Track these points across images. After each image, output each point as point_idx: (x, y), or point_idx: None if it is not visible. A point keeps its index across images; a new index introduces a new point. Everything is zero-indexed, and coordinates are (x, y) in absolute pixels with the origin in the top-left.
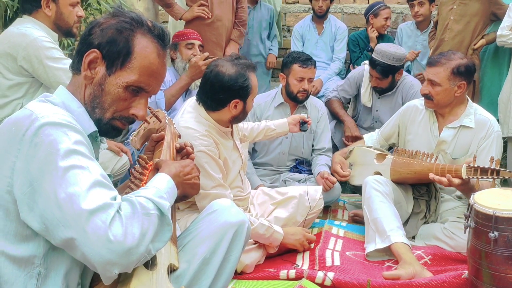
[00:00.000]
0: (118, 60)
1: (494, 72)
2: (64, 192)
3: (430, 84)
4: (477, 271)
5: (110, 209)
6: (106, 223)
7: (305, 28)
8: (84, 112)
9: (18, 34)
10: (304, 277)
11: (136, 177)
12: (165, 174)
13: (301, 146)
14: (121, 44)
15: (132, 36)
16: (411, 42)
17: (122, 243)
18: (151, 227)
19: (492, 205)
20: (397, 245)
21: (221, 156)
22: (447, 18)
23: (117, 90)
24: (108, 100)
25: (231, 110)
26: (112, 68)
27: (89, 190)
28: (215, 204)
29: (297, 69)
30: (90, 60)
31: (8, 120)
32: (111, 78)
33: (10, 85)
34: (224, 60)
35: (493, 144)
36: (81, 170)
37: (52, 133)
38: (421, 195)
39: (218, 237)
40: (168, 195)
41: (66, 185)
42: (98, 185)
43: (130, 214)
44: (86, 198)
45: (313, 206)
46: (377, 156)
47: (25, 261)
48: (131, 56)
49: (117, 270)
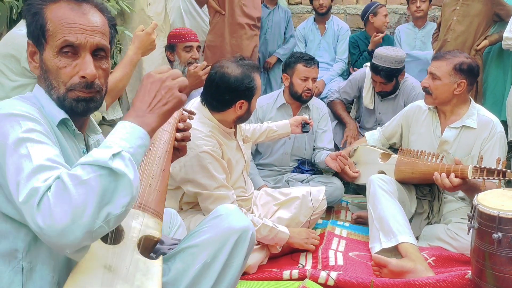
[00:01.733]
0: (41, 37)
1: (499, 73)
2: (13, 183)
3: (431, 77)
4: (481, 271)
5: (36, 195)
6: (33, 210)
7: (308, 29)
8: (49, 101)
9: (21, 35)
10: (307, 277)
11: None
12: (124, 121)
13: (303, 147)
14: (37, 22)
15: (43, 9)
16: (410, 39)
17: (52, 226)
18: (90, 195)
19: (495, 206)
20: (404, 245)
21: (225, 156)
22: (450, 19)
23: (53, 61)
24: (53, 75)
25: (236, 111)
26: (41, 47)
27: (27, 180)
28: (221, 208)
29: (301, 69)
30: (30, 52)
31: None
32: (44, 55)
33: (14, 86)
34: (229, 61)
35: (496, 145)
36: (25, 159)
37: (4, 124)
38: (424, 196)
39: (220, 242)
40: (126, 141)
41: (15, 175)
42: (36, 172)
43: (57, 192)
44: (22, 189)
45: (316, 207)
46: (382, 155)
47: (8, 255)
48: (46, 26)
49: (69, 250)
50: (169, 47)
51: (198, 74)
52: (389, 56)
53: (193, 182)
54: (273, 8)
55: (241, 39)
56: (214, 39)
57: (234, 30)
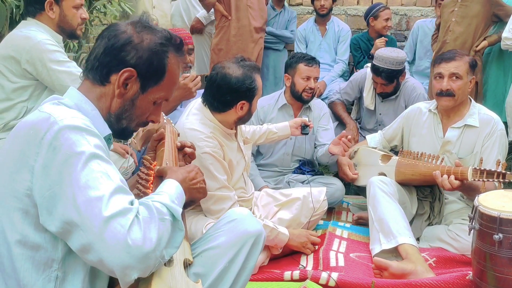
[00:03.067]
0: (153, 80)
1: (499, 74)
2: (84, 196)
3: (451, 79)
4: (482, 273)
5: (129, 214)
6: (125, 227)
7: (308, 30)
8: (98, 115)
9: (22, 37)
10: (308, 278)
11: (142, 177)
12: (173, 180)
13: (304, 147)
14: (157, 65)
15: (167, 58)
16: (427, 40)
17: (140, 248)
18: (165, 232)
19: (496, 207)
20: (404, 246)
21: (226, 157)
22: (449, 20)
23: (148, 105)
24: (138, 113)
25: (237, 112)
26: (146, 87)
27: (111, 196)
28: (233, 213)
29: (303, 68)
30: (125, 78)
31: (25, 123)
32: (144, 95)
33: (15, 88)
34: (230, 62)
35: (496, 142)
36: (101, 174)
37: (71, 137)
38: (425, 197)
39: (238, 247)
40: (178, 200)
41: (86, 190)
42: (118, 191)
43: (147, 219)
44: (108, 204)
45: (317, 208)
46: (382, 157)
47: (43, 264)
48: (164, 76)
49: (136, 275)
50: None
51: (188, 86)
52: (390, 58)
53: None
54: (280, 10)
55: (247, 42)
56: (220, 43)
57: (240, 33)
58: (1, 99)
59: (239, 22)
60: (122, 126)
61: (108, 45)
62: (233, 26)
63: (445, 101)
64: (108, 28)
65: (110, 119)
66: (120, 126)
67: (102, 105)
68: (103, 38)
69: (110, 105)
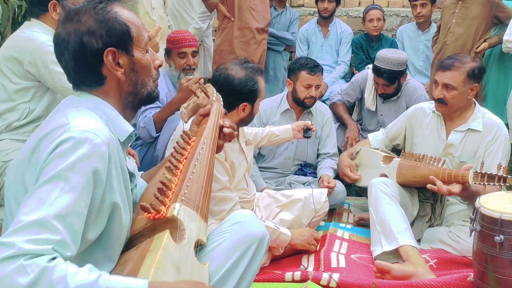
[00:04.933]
0: (127, 39)
1: (500, 75)
2: (22, 212)
3: (445, 88)
4: (483, 274)
5: (15, 259)
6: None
7: (310, 31)
8: (117, 115)
9: (24, 38)
10: (309, 279)
11: (177, 151)
12: (144, 283)
13: (306, 151)
14: (116, 26)
15: (114, 12)
16: (413, 42)
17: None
18: None
19: (498, 208)
20: (405, 248)
21: (228, 159)
22: (449, 21)
23: (144, 59)
24: (144, 73)
25: (239, 113)
26: (129, 48)
27: (29, 230)
28: (238, 215)
29: (305, 76)
30: (113, 58)
31: (45, 125)
32: (134, 56)
33: (17, 89)
34: (233, 63)
35: (500, 147)
36: (47, 200)
37: (74, 149)
38: (427, 198)
39: (242, 249)
40: None
41: (29, 206)
42: (39, 227)
43: (37, 275)
44: (17, 232)
45: (318, 209)
46: (384, 158)
47: None
48: (129, 27)
49: None
50: (166, 52)
51: (191, 88)
52: (391, 58)
53: None
54: (281, 10)
55: (250, 44)
56: (222, 44)
57: (243, 34)
58: (3, 100)
59: (242, 23)
60: (144, 95)
61: (73, 53)
62: (235, 27)
63: (438, 107)
64: (56, 43)
65: (129, 99)
66: (142, 96)
67: (112, 99)
68: (61, 54)
69: (120, 92)
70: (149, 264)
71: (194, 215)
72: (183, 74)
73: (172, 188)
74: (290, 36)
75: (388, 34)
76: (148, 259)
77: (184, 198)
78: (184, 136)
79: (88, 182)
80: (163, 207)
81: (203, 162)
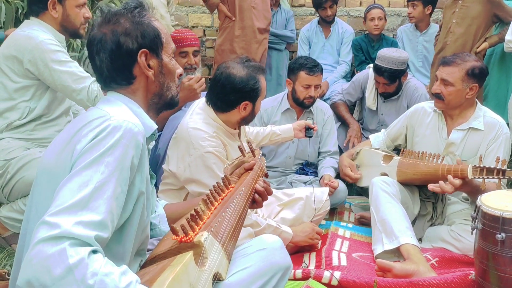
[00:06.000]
0: (158, 43)
1: (501, 75)
2: (65, 196)
3: (443, 83)
4: (484, 272)
5: (59, 242)
6: (42, 239)
7: (312, 31)
8: (143, 112)
9: (24, 37)
10: (310, 277)
11: (216, 190)
12: None
13: (307, 150)
14: (150, 30)
15: (148, 18)
16: (412, 43)
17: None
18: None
19: (499, 206)
20: (406, 246)
21: (229, 157)
22: (450, 21)
23: (171, 65)
24: (170, 77)
25: (240, 112)
26: (159, 53)
27: (73, 215)
28: (264, 241)
29: (304, 76)
30: (145, 59)
31: (80, 117)
32: (163, 60)
33: (17, 88)
34: (234, 62)
35: (501, 145)
36: (96, 191)
37: (118, 147)
38: (428, 197)
39: (267, 277)
40: None
41: (71, 192)
42: (90, 224)
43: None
44: (58, 215)
45: (319, 208)
46: (384, 157)
47: None
48: (159, 33)
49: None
50: None
51: (193, 87)
52: (392, 58)
53: (198, 182)
54: (276, 10)
55: (251, 43)
56: (223, 43)
57: (244, 34)
58: (3, 98)
59: (243, 22)
60: (167, 98)
61: (109, 52)
62: (237, 26)
63: (436, 102)
64: (91, 43)
65: (154, 101)
66: (166, 99)
67: (139, 99)
68: (96, 53)
69: (147, 92)
70: (167, 275)
71: (219, 248)
72: (185, 74)
73: (204, 219)
74: (290, 33)
75: (389, 34)
76: (167, 271)
77: (213, 229)
78: (225, 180)
79: (127, 168)
80: (191, 232)
81: (237, 206)
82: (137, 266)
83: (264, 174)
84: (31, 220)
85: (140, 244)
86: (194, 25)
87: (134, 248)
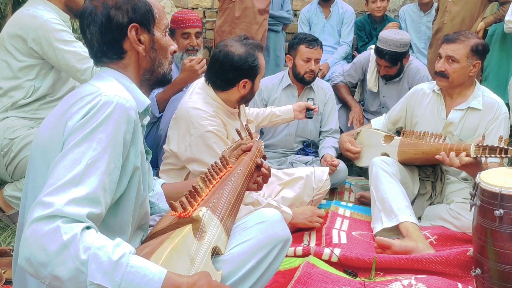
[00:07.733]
0: (150, 19)
1: (502, 56)
2: (57, 173)
3: (447, 61)
4: (482, 248)
5: (54, 220)
6: (37, 220)
7: (312, 12)
8: (136, 88)
9: (28, 15)
10: (311, 254)
11: (214, 169)
12: (161, 272)
13: (308, 128)
14: (141, 5)
15: None
16: (415, 24)
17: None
18: (72, 265)
19: (498, 183)
20: (405, 224)
21: (229, 136)
22: (446, 1)
23: (164, 41)
24: (162, 53)
25: (240, 90)
26: (150, 28)
27: (64, 192)
28: (264, 214)
29: (304, 50)
30: (136, 34)
31: (74, 93)
32: (155, 35)
33: (21, 66)
34: (233, 40)
35: (500, 125)
36: (88, 168)
37: (111, 123)
38: (427, 177)
39: (267, 249)
40: (126, 276)
41: (64, 169)
42: (82, 199)
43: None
44: (52, 193)
45: (319, 187)
46: (385, 137)
47: None
48: (152, 8)
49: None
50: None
51: (194, 68)
52: (394, 40)
53: (199, 161)
54: None
55: (251, 24)
56: (223, 25)
57: (244, 15)
58: (8, 77)
59: (243, 4)
60: (159, 74)
61: (99, 26)
62: (237, 8)
63: (439, 81)
64: (82, 16)
65: (146, 77)
66: (158, 75)
67: (131, 74)
68: (87, 26)
69: (139, 67)
70: (166, 246)
71: (218, 224)
72: (186, 55)
73: (202, 196)
74: (286, 14)
75: (391, 14)
76: (167, 243)
77: (211, 205)
78: (223, 160)
79: (119, 144)
80: (190, 208)
81: (235, 184)
82: (139, 241)
83: (262, 156)
84: (28, 196)
85: (141, 220)
86: (194, 7)
87: (133, 223)
